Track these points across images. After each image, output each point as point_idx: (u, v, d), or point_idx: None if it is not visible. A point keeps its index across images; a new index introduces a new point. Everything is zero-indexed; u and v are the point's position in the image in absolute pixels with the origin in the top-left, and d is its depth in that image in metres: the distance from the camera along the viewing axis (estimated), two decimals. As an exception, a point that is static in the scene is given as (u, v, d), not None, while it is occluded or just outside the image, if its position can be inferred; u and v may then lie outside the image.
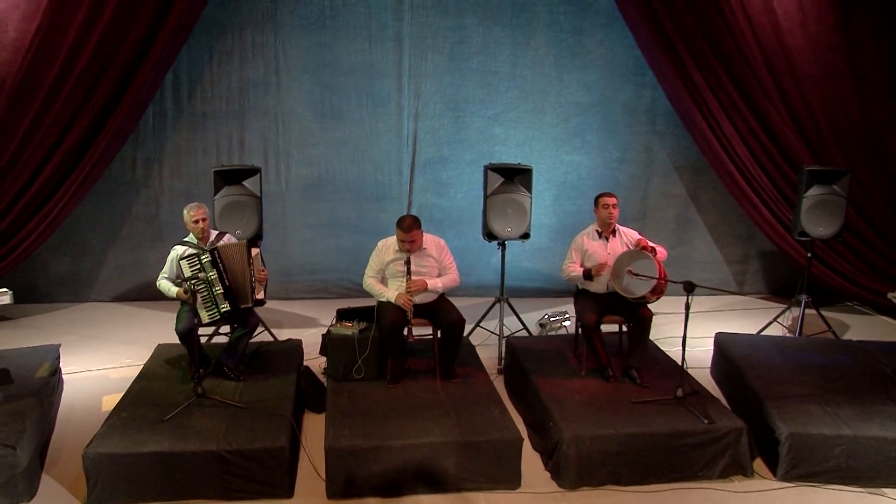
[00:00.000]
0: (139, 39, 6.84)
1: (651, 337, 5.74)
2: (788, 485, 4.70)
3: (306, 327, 7.27)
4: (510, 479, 4.60)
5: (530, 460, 4.87)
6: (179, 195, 7.68)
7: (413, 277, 5.34)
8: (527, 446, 4.96)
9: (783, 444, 4.71)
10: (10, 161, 6.81)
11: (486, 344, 6.67)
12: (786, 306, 7.42)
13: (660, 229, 8.27)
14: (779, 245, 7.94)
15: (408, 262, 5.34)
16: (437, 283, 5.42)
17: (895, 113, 7.65)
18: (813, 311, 7.20)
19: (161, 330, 6.64)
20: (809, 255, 7.01)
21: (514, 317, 6.91)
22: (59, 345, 6.00)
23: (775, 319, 7.33)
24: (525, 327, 6.86)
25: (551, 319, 7.23)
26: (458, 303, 5.70)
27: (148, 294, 7.95)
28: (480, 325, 6.94)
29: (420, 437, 4.54)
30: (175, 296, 5.25)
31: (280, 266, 8.00)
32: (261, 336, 6.42)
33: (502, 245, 6.60)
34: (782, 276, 8.53)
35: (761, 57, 7.43)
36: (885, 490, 4.66)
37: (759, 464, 4.93)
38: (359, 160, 8.05)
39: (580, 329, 5.65)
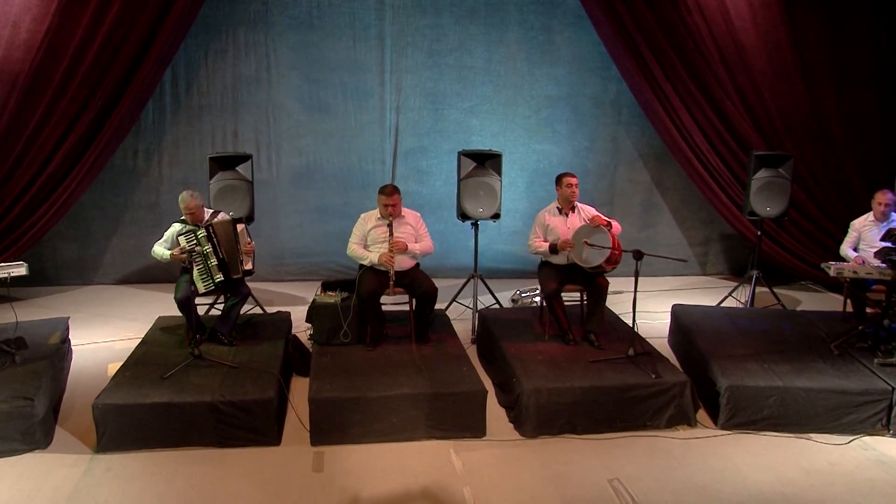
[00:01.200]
0: (140, 39, 7.34)
1: (617, 313, 6.26)
2: (728, 432, 5.22)
3: (296, 305, 7.79)
4: (476, 428, 5.12)
5: (497, 414, 5.41)
6: (178, 183, 8.19)
7: (394, 239, 5.88)
8: (494, 403, 5.51)
9: (723, 396, 5.25)
10: (22, 151, 7.30)
11: (461, 318, 7.19)
12: (743, 281, 7.96)
13: (626, 214, 8.82)
14: (735, 226, 8.50)
15: (390, 225, 5.89)
16: (415, 247, 5.99)
17: (839, 102, 8.22)
18: (766, 289, 7.76)
19: (161, 308, 7.10)
20: (759, 233, 7.58)
21: (488, 293, 7.46)
22: (68, 317, 6.53)
23: (730, 294, 7.89)
24: (497, 301, 7.41)
25: (523, 295, 7.78)
26: (438, 283, 6.19)
27: (149, 276, 8.53)
28: (456, 300, 7.48)
29: (394, 389, 5.08)
30: (168, 257, 5.76)
31: (272, 250, 8.54)
32: (252, 311, 6.96)
33: (475, 225, 7.15)
34: (742, 257, 9.09)
35: (717, 52, 7.98)
36: (813, 435, 5.19)
37: (702, 415, 5.47)
38: (344, 150, 8.59)
39: (542, 296, 6.20)
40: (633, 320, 5.65)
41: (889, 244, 5.65)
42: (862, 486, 4.60)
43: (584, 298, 6.25)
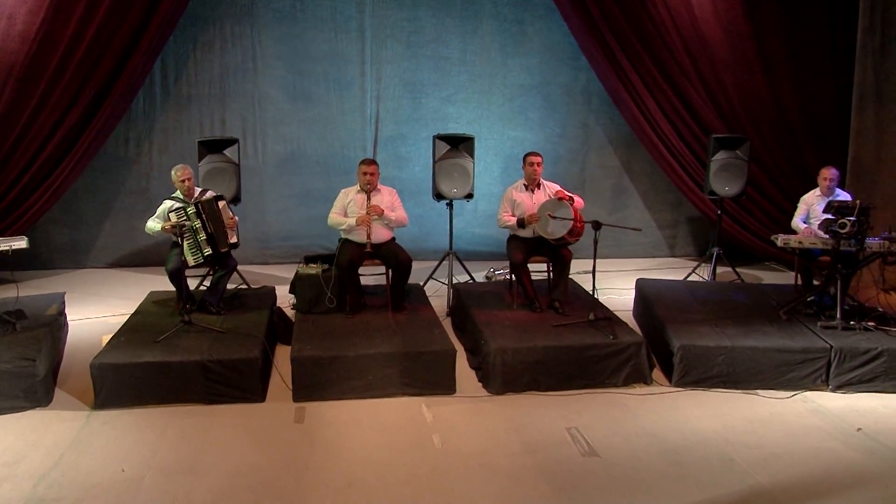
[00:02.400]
0: (131, 31, 7.71)
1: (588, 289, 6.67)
2: (680, 389, 5.64)
3: (281, 284, 8.15)
4: (446, 385, 5.52)
5: (467, 375, 5.82)
6: (167, 170, 8.32)
7: (371, 205, 6.31)
8: (465, 366, 5.92)
9: (676, 355, 5.67)
10: (18, 138, 7.65)
11: (437, 295, 7.58)
12: (705, 259, 8.39)
13: (597, 198, 9.25)
14: (698, 206, 8.95)
15: (368, 193, 6.31)
16: (391, 214, 6.41)
17: (796, 89, 8.66)
18: (729, 269, 8.19)
19: (153, 288, 7.39)
20: (720, 212, 8.02)
21: (463, 270, 7.87)
22: (64, 293, 6.90)
23: (693, 271, 8.33)
24: (470, 276, 7.82)
25: (496, 273, 8.20)
26: (417, 265, 6.61)
27: (140, 260, 8.89)
28: (433, 277, 7.88)
29: (370, 349, 5.49)
30: (160, 230, 6.15)
31: (258, 233, 8.92)
32: (239, 287, 7.35)
33: (450, 204, 7.55)
34: (709, 239, 9.51)
35: (681, 43, 8.42)
36: (759, 391, 5.61)
37: (658, 374, 5.90)
38: (327, 137, 8.99)
39: (510, 266, 6.61)
40: (593, 287, 6.07)
41: (830, 216, 6.08)
42: (797, 430, 5.03)
43: (550, 269, 6.65)
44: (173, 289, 6.26)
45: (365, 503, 4.08)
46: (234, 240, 6.36)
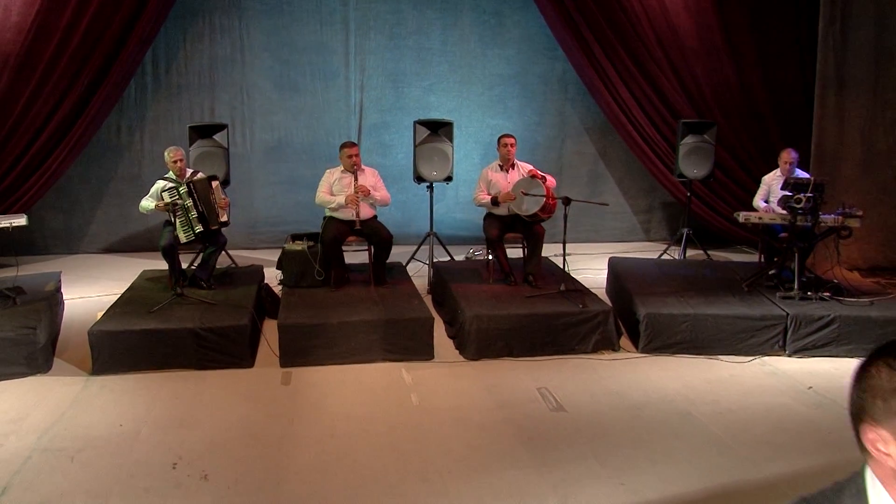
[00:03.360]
0: (123, 22, 8.01)
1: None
2: (646, 355, 5.98)
3: (268, 266, 8.47)
4: (424, 351, 5.86)
5: (445, 344, 6.15)
6: (158, 157, 8.72)
7: (358, 184, 6.65)
8: (443, 335, 6.25)
9: (642, 323, 6.02)
10: (14, 125, 7.93)
11: (418, 275, 7.88)
12: (675, 240, 8.76)
13: (574, 184, 9.60)
14: (670, 190, 9.32)
15: (355, 174, 6.65)
16: (375, 194, 6.75)
17: (763, 77, 9.03)
18: (699, 251, 8.56)
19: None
20: (689, 194, 8.39)
21: (444, 252, 8.21)
22: (60, 272, 7.19)
23: (665, 251, 8.70)
24: (450, 255, 8.17)
25: (475, 254, 8.54)
26: (400, 248, 6.93)
27: (132, 245, 9.18)
28: (415, 258, 8.21)
29: (353, 316, 5.82)
30: (154, 209, 6.46)
31: (246, 219, 9.22)
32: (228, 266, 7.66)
33: (430, 187, 7.89)
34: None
35: (652, 33, 8.78)
36: (720, 356, 5.96)
37: (625, 342, 6.24)
38: (313, 126, 9.31)
39: (486, 242, 6.95)
40: (564, 260, 6.42)
41: (788, 192, 6.45)
42: (753, 389, 5.39)
43: (524, 245, 7.00)
44: (165, 267, 6.56)
45: (347, 452, 4.40)
46: (224, 218, 6.68)
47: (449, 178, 7.83)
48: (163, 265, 6.62)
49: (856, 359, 5.81)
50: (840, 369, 5.79)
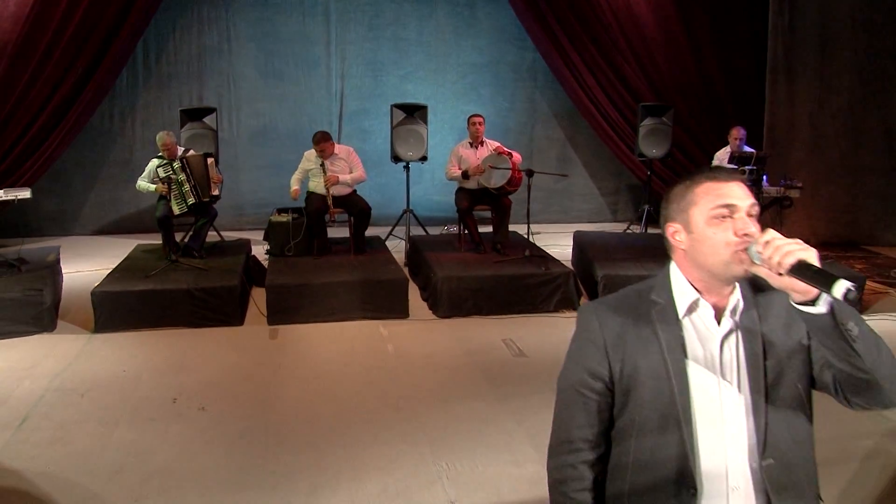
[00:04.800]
0: (116, 13, 8.47)
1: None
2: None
3: (255, 245, 8.97)
4: (400, 310, 6.39)
5: (420, 306, 6.69)
6: (149, 143, 9.23)
7: (328, 174, 7.16)
8: (418, 298, 6.78)
9: (600, 283, 6.56)
10: (11, 111, 8.36)
11: (396, 250, 8.37)
12: (638, 216, 9.32)
13: (544, 167, 10.01)
14: (633, 170, 9.91)
15: (322, 165, 7.16)
16: (346, 178, 7.26)
17: (719, 64, 9.63)
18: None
19: (138, 244, 8.23)
20: (649, 172, 8.98)
21: (420, 228, 8.75)
22: (59, 246, 7.64)
23: (627, 228, 9.28)
24: (425, 230, 8.71)
25: (450, 230, 9.07)
26: (380, 230, 7.41)
27: (123, 227, 9.65)
28: (393, 234, 8.74)
29: (333, 277, 6.36)
30: (154, 190, 6.96)
31: (232, 202, 9.71)
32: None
33: (407, 167, 8.42)
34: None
35: (616, 23, 9.36)
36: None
37: (585, 301, 6.81)
38: (296, 113, 9.84)
39: (458, 213, 7.49)
40: (528, 228, 6.98)
41: (734, 165, 7.05)
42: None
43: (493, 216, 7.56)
44: (159, 241, 7.05)
45: (328, 388, 4.94)
46: (215, 192, 7.18)
47: (424, 158, 8.37)
48: (156, 240, 7.09)
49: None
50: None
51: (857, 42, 9.08)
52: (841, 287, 1.29)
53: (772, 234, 1.45)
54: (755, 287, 1.66)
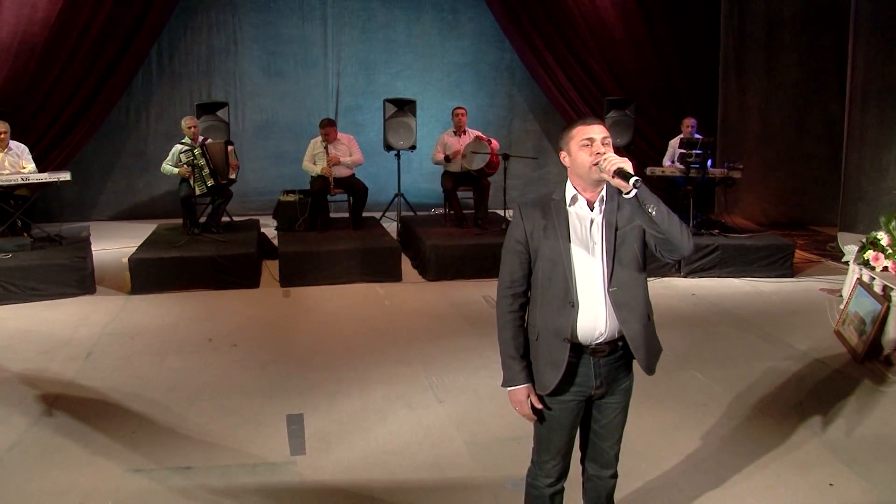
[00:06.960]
0: (134, 18, 9.36)
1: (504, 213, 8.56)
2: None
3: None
4: (394, 274, 7.40)
5: (412, 273, 7.69)
6: (162, 135, 10.24)
7: (331, 155, 8.15)
8: (410, 267, 7.78)
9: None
10: (40, 105, 9.19)
11: (389, 230, 9.40)
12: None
13: (521, 158, 11.15)
14: (600, 159, 10.89)
15: (326, 148, 8.15)
16: (347, 159, 8.26)
17: (681, 64, 10.64)
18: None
19: (156, 224, 9.18)
20: (614, 160, 9.98)
21: (409, 211, 9.75)
22: (88, 225, 8.58)
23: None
24: (415, 212, 9.71)
25: (437, 213, 10.06)
26: (373, 214, 8.49)
27: (138, 213, 10.53)
28: (385, 216, 9.74)
29: (336, 246, 7.37)
30: (177, 173, 7.91)
31: (238, 189, 10.54)
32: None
33: (398, 155, 9.42)
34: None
35: (585, 26, 10.34)
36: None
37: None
38: (296, 108, 10.80)
39: (443, 193, 8.50)
40: (504, 206, 8.00)
41: (683, 150, 8.08)
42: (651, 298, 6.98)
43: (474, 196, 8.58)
44: (179, 222, 8.01)
45: (336, 328, 5.95)
46: (232, 176, 8.13)
47: (413, 147, 9.37)
48: (174, 221, 8.03)
49: (734, 278, 7.49)
50: (720, 285, 7.40)
51: (800, 42, 10.13)
52: (633, 179, 2.30)
53: (609, 155, 2.42)
54: (619, 191, 2.61)
